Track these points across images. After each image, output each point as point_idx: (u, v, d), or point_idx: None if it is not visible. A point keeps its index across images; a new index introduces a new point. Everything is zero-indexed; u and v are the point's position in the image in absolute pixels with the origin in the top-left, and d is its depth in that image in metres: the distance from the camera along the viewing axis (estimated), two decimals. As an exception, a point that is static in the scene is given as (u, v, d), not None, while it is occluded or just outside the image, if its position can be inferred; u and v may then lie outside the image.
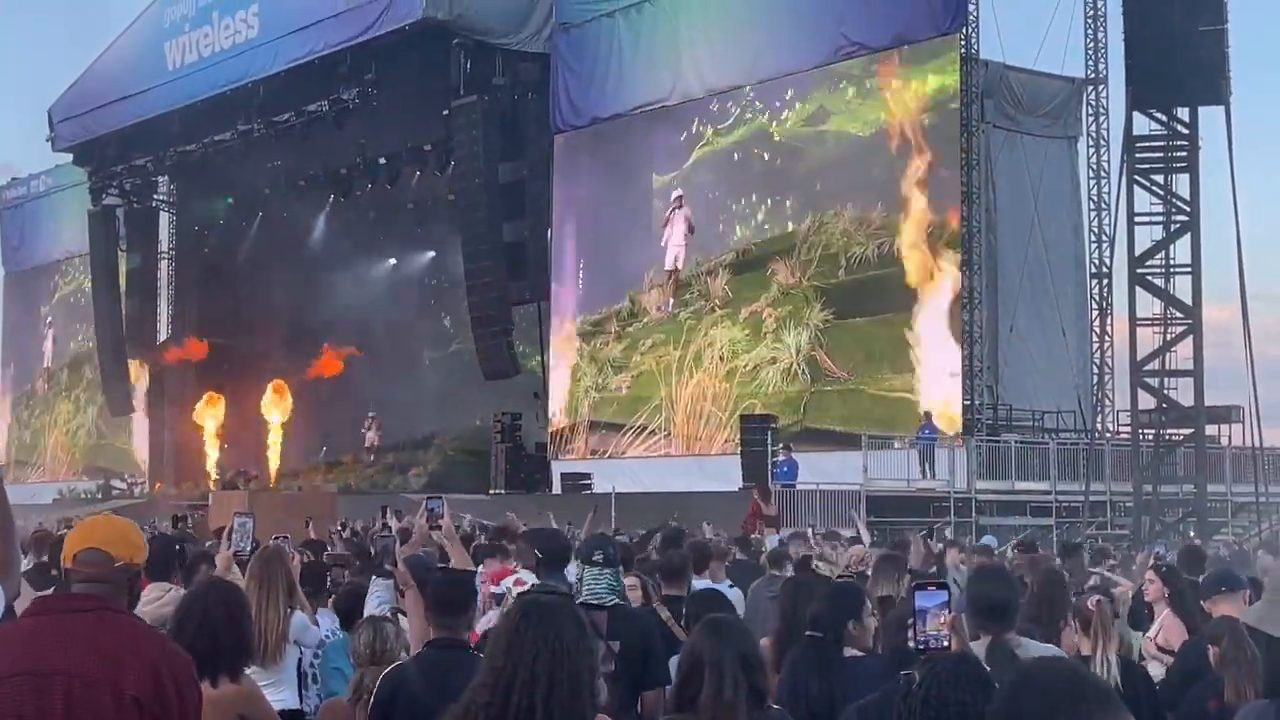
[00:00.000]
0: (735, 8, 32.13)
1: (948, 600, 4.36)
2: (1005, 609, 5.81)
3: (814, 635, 6.29)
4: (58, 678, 3.97)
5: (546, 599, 4.02)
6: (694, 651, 4.53)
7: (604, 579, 6.76)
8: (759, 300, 31.90)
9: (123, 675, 4.00)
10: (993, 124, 30.09)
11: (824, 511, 25.20)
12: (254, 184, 44.29)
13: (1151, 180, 26.36)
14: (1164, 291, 26.32)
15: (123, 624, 4.20)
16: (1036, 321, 30.61)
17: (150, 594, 7.59)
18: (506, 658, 3.84)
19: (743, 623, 4.72)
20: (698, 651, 4.50)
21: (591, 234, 35.77)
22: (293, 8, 38.22)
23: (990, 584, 5.98)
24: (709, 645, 4.48)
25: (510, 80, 35.96)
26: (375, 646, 6.39)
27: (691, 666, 4.49)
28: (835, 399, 30.13)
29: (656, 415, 33.60)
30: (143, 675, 4.02)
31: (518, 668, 3.82)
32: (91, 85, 46.50)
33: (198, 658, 5.26)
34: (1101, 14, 31.16)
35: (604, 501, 28.05)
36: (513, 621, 3.92)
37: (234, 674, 5.41)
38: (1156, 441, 26.74)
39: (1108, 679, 6.30)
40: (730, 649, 4.45)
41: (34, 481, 51.65)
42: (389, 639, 6.42)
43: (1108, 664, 6.41)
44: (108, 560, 4.18)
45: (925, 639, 4.32)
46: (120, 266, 48.11)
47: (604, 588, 6.73)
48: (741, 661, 4.43)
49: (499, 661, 3.85)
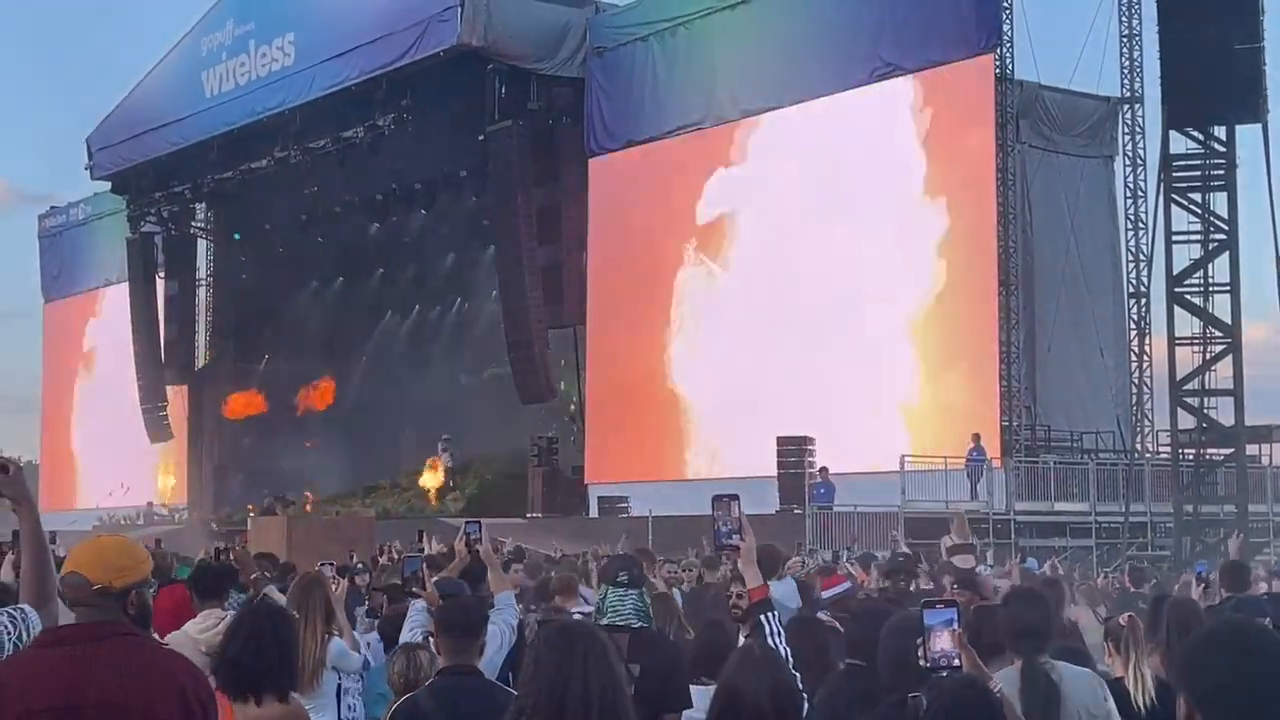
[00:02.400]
0: (769, 30, 32.10)
1: (955, 618, 4.32)
2: (1039, 631, 5.76)
3: (853, 664, 6.22)
4: (88, 710, 3.96)
5: (580, 624, 4.01)
6: (730, 685, 4.44)
7: (629, 600, 6.74)
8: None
9: (153, 701, 4.00)
10: (1028, 144, 30.00)
11: (862, 534, 25.10)
12: (291, 210, 44.51)
13: (1189, 199, 26.23)
14: (1203, 310, 26.17)
15: (146, 649, 4.19)
16: (1074, 342, 30.46)
17: (203, 621, 7.63)
18: (554, 682, 3.84)
19: (776, 652, 4.65)
20: (733, 684, 4.42)
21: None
22: (329, 35, 38.47)
23: (1024, 606, 5.93)
24: (745, 678, 4.39)
25: (545, 105, 36.06)
26: (409, 675, 6.38)
27: (727, 698, 4.40)
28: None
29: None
30: (172, 700, 4.02)
31: (568, 696, 3.83)
32: (129, 114, 46.87)
33: (245, 675, 5.30)
34: (1137, 33, 31.09)
35: (640, 525, 28.09)
36: (553, 646, 3.93)
37: (281, 694, 5.43)
38: (1197, 461, 26.55)
39: (1142, 698, 6.23)
40: (764, 680, 4.35)
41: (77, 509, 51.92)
42: (422, 666, 6.41)
43: (1141, 680, 6.32)
44: (85, 584, 4.12)
45: (935, 658, 4.28)
46: (158, 294, 48.42)
47: (629, 609, 6.71)
48: (776, 694, 4.33)
49: (544, 687, 3.85)
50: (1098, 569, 22.95)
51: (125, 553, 4.28)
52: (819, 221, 31.17)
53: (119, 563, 4.21)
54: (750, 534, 5.36)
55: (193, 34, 44.87)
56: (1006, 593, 7.65)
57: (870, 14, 30.27)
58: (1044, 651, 5.73)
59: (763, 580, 5.37)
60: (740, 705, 4.27)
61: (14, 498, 4.52)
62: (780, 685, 4.31)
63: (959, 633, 4.36)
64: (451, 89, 35.44)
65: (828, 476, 27.80)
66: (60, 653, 4.04)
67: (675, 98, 34.12)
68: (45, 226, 58.39)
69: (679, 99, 34.04)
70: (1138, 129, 31.82)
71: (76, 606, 4.17)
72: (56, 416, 58.02)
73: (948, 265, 29.00)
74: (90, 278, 55.25)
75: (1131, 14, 31.13)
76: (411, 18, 35.68)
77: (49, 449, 58.30)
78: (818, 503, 26.97)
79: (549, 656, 3.93)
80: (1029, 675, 5.53)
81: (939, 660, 4.28)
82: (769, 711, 4.20)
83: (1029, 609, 5.88)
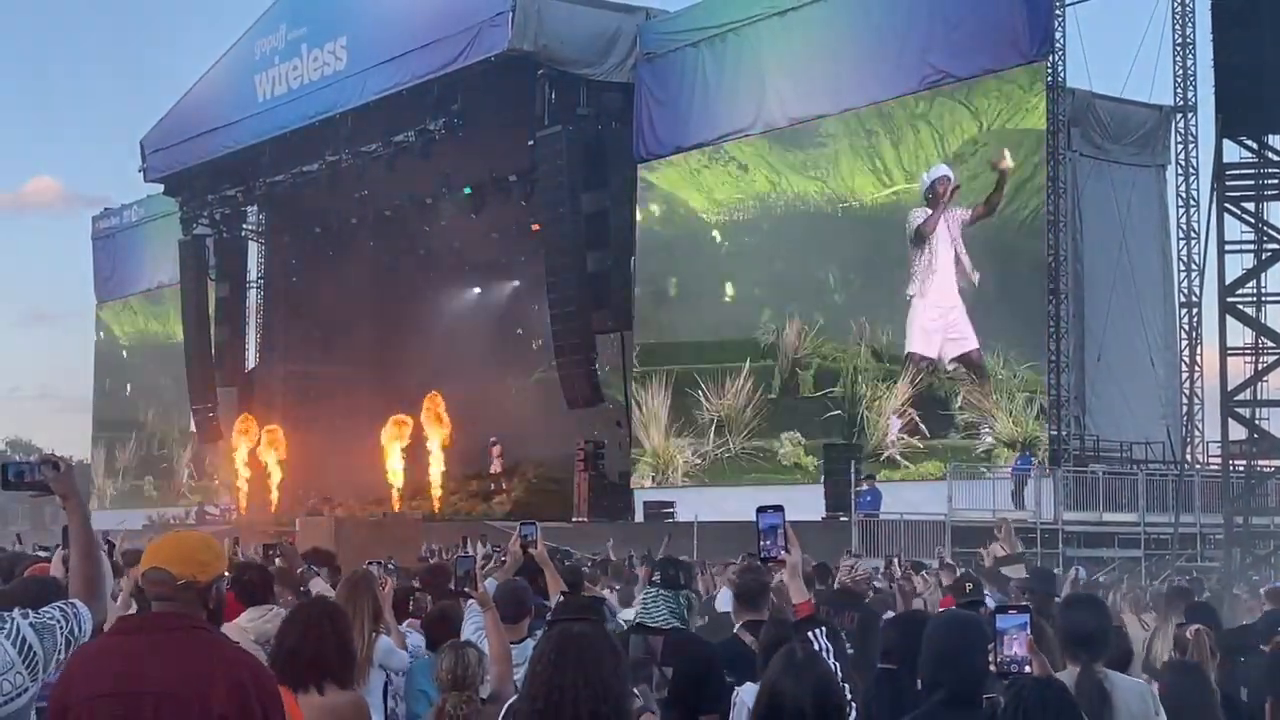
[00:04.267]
0: (819, 37, 32.04)
1: (1028, 623, 4.33)
2: (1096, 638, 5.74)
3: (886, 668, 6.20)
4: (147, 697, 4.03)
5: (579, 629, 4.02)
6: (772, 687, 4.36)
7: (663, 601, 6.73)
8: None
9: (211, 693, 4.06)
10: (1080, 152, 29.87)
11: (908, 542, 25.02)
12: (342, 214, 44.78)
13: (1242, 208, 26.03)
14: (1255, 320, 25.97)
15: (210, 641, 4.25)
16: (1124, 351, 30.27)
17: (255, 612, 7.70)
18: (549, 689, 3.88)
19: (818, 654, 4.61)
20: (775, 686, 4.34)
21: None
22: (380, 40, 38.67)
23: (1083, 613, 5.92)
24: (786, 680, 4.31)
25: (594, 110, 36.12)
26: (456, 672, 6.42)
27: (769, 702, 4.33)
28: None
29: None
30: (231, 693, 4.08)
31: (561, 706, 3.86)
32: (183, 117, 47.23)
33: (306, 666, 5.36)
34: (1190, 41, 30.88)
35: (685, 530, 28.08)
36: (550, 655, 3.96)
37: (343, 682, 5.50)
38: (1248, 472, 26.34)
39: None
40: (806, 684, 4.26)
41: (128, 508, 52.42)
42: (470, 664, 6.45)
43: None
44: (170, 579, 4.21)
45: (1006, 662, 4.29)
46: (210, 296, 48.78)
47: (663, 611, 6.70)
48: (818, 697, 4.25)
49: (540, 694, 3.90)
50: (1146, 580, 22.79)
51: (207, 547, 4.39)
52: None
53: (202, 557, 4.31)
54: (797, 546, 5.25)
55: (246, 38, 45.21)
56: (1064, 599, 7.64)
57: (920, 21, 30.13)
58: (1100, 659, 5.72)
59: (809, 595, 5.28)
60: (782, 707, 4.24)
61: (64, 494, 4.62)
62: (822, 687, 4.26)
63: (1030, 638, 4.37)
64: (502, 94, 35.55)
65: (874, 484, 27.75)
66: (127, 640, 4.13)
67: (724, 104, 34.10)
68: (99, 228, 58.94)
69: (728, 105, 34.02)
70: (1190, 138, 31.63)
71: (159, 601, 4.23)
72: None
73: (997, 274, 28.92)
74: (142, 279, 55.72)
75: (1185, 22, 30.93)
76: (463, 23, 35.82)
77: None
78: (864, 510, 26.90)
79: (544, 664, 3.97)
80: (1083, 683, 5.51)
81: (1010, 664, 4.30)
82: (811, 713, 4.18)
83: (1089, 616, 5.86)
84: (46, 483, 4.58)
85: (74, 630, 4.30)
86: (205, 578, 4.25)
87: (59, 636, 4.26)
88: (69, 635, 4.28)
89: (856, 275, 31.85)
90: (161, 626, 4.15)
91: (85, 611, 4.37)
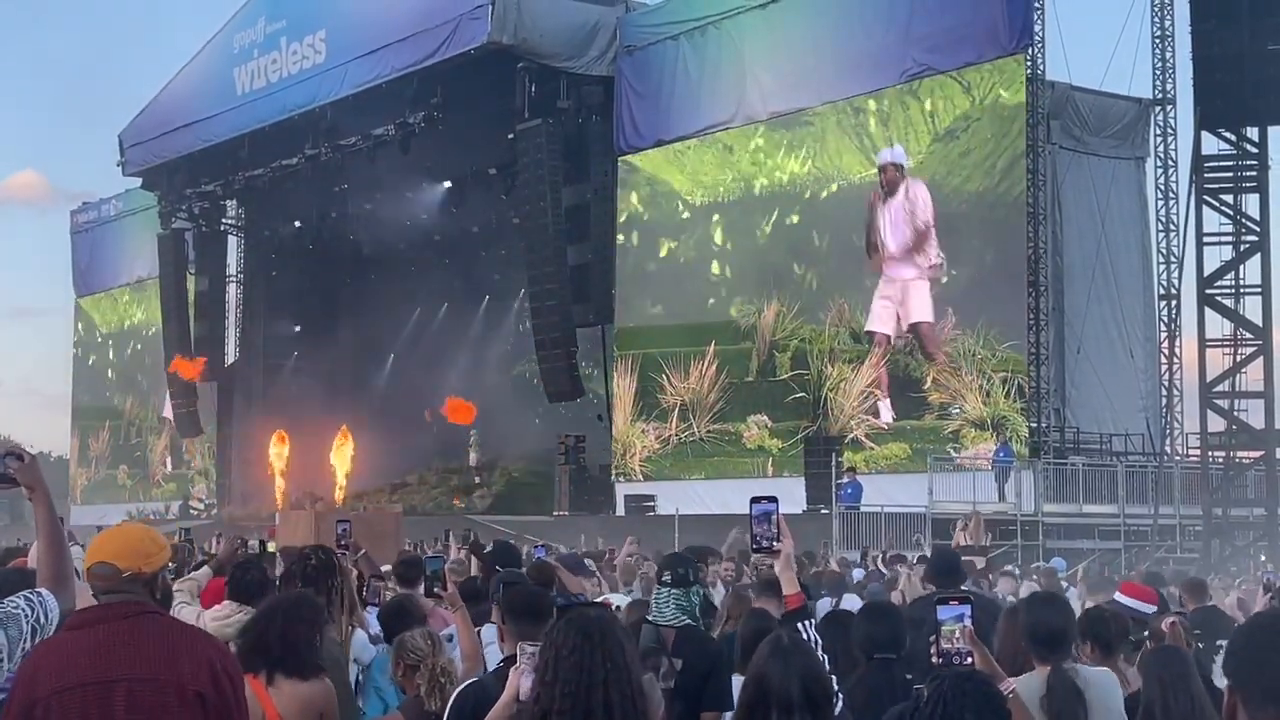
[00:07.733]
0: (799, 30, 32.04)
1: (967, 613, 4.29)
2: (1063, 637, 5.72)
3: (884, 657, 6.26)
4: (119, 684, 4.05)
5: (597, 614, 4.02)
6: (758, 674, 4.34)
7: (671, 600, 6.74)
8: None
9: (184, 673, 4.10)
10: (1059, 145, 29.90)
11: (889, 534, 25.07)
12: (321, 207, 44.64)
13: (1220, 200, 26.14)
14: (1234, 312, 26.09)
15: (170, 624, 4.32)
16: (1104, 343, 30.34)
17: (221, 610, 7.63)
18: (579, 672, 3.91)
19: (805, 641, 4.60)
20: (762, 672, 4.31)
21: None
22: (360, 33, 38.57)
23: (1047, 612, 5.87)
24: (773, 666, 4.28)
25: (574, 103, 36.07)
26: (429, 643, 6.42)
27: (756, 689, 4.31)
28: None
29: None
30: (202, 672, 4.13)
31: (592, 688, 3.90)
32: (162, 110, 47.04)
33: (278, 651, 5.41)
34: (1169, 34, 30.93)
35: (667, 524, 28.08)
36: (575, 639, 3.97)
37: (313, 671, 5.53)
38: (1226, 464, 26.46)
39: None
40: (794, 670, 4.25)
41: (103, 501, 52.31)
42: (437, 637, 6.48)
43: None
44: (115, 572, 4.24)
45: (946, 653, 4.25)
46: (189, 289, 48.63)
47: (671, 609, 6.71)
48: (805, 683, 4.24)
49: (571, 679, 3.92)
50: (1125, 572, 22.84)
51: (150, 539, 4.43)
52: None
53: (146, 549, 4.35)
54: (789, 538, 5.23)
55: (224, 31, 45.04)
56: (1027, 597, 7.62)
57: (901, 14, 30.15)
58: (1068, 656, 5.69)
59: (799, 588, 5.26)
60: (769, 694, 4.22)
61: (29, 485, 4.63)
62: (809, 673, 4.25)
63: (970, 629, 4.33)
64: (482, 87, 35.49)
65: (855, 476, 27.79)
66: (90, 633, 4.14)
67: (705, 97, 34.10)
68: (78, 222, 58.70)
69: (709, 98, 34.02)
70: (1169, 130, 31.68)
71: (108, 594, 4.24)
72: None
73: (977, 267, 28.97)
74: (122, 273, 55.56)
75: (1164, 15, 30.97)
76: (442, 16, 35.74)
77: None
78: (845, 502, 26.93)
79: (569, 649, 3.99)
80: (1055, 681, 5.49)
81: (950, 656, 4.25)
82: (798, 700, 4.17)
83: (1052, 615, 5.82)
84: (11, 474, 4.57)
85: (40, 619, 4.31)
86: (150, 569, 4.30)
87: (24, 625, 4.26)
88: (34, 624, 4.29)
89: (836, 255, 31.85)
90: (120, 615, 4.16)
91: (52, 600, 4.39)
